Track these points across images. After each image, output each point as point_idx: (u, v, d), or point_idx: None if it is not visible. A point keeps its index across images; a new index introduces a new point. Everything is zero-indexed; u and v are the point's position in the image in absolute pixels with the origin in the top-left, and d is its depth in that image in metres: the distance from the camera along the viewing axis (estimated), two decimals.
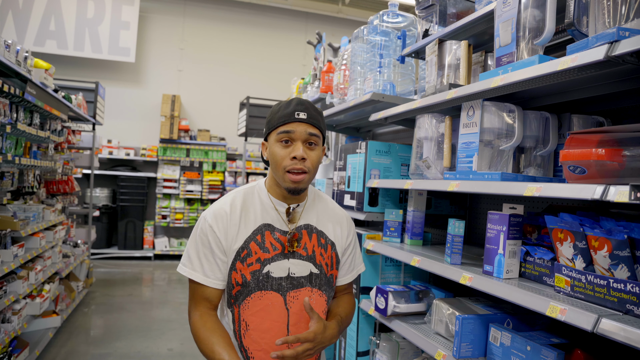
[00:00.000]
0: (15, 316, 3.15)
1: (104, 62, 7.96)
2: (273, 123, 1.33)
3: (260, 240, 1.35)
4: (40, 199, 4.23)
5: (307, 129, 1.31)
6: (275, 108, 1.36)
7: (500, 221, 1.49)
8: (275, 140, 1.32)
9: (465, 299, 1.83)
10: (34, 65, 3.58)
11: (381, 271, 2.30)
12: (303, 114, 1.31)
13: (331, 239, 1.45)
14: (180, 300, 5.45)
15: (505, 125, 1.58)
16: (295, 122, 1.30)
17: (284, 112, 1.32)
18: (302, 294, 1.37)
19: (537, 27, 1.43)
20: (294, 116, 1.30)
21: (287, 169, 1.30)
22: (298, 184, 1.31)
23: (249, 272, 1.33)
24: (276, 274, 1.34)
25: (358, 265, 1.56)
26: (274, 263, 1.34)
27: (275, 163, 1.32)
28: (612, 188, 1.04)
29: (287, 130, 1.30)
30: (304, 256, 1.38)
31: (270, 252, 1.35)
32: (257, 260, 1.33)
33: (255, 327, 1.33)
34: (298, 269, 1.37)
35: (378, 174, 2.35)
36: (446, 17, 2.00)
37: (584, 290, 1.20)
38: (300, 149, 1.29)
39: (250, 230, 1.35)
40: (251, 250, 1.33)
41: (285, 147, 1.31)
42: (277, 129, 1.32)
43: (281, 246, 1.36)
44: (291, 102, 1.34)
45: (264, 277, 1.33)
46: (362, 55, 2.53)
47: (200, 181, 8.20)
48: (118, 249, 7.68)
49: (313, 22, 9.11)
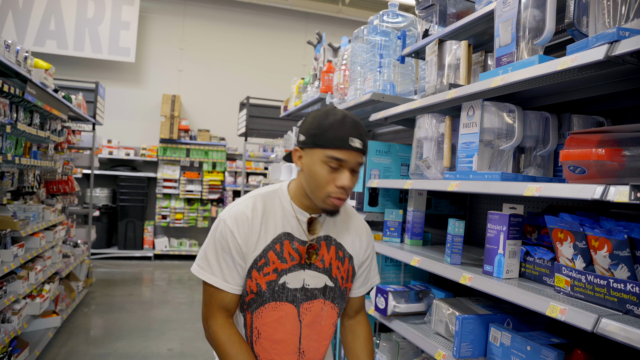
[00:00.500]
0: (15, 316, 3.15)
1: (104, 62, 7.96)
2: (322, 141, 1.23)
3: (279, 249, 1.31)
4: (40, 199, 4.23)
5: (358, 159, 1.25)
6: (326, 122, 1.24)
7: (500, 221, 1.49)
8: (322, 161, 1.23)
9: (465, 299, 1.83)
10: (34, 65, 3.58)
11: (381, 271, 2.30)
12: (358, 142, 1.23)
13: (349, 252, 1.42)
14: (180, 300, 5.45)
15: (505, 125, 1.58)
16: (349, 150, 1.23)
17: (337, 133, 1.22)
18: (315, 305, 1.35)
19: (537, 27, 1.43)
20: (349, 144, 1.22)
21: (331, 195, 1.25)
22: (338, 207, 1.28)
23: (264, 282, 1.30)
24: (292, 285, 1.32)
25: (373, 278, 1.53)
26: (290, 274, 1.31)
27: (317, 184, 1.25)
28: (612, 188, 1.04)
29: (339, 158, 1.22)
30: (320, 268, 1.35)
31: (288, 263, 1.31)
32: (274, 270, 1.30)
33: (268, 337, 1.32)
34: (313, 280, 1.34)
35: (378, 174, 2.35)
36: (446, 17, 2.00)
37: (584, 290, 1.20)
38: (348, 179, 1.24)
39: (269, 238, 1.31)
40: (269, 260, 1.30)
41: (332, 172, 1.24)
42: (326, 150, 1.23)
43: (299, 256, 1.33)
44: (345, 122, 1.23)
45: (280, 288, 1.31)
46: (362, 55, 2.53)
47: (200, 181, 8.20)
48: (118, 249, 7.68)
49: (313, 22, 9.11)
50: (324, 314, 1.37)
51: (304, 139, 1.29)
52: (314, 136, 1.25)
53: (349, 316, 1.52)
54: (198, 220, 8.17)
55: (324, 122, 1.25)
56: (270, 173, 4.87)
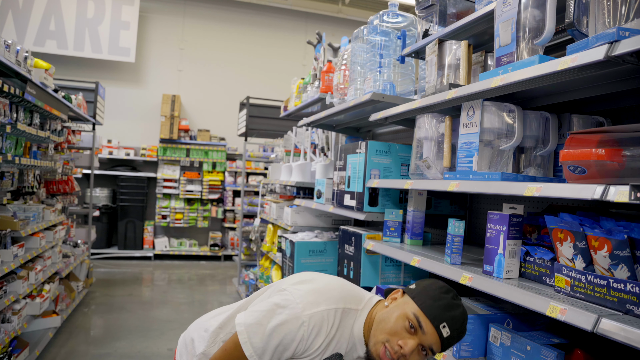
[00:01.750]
0: (15, 316, 3.15)
1: (104, 62, 7.96)
2: (422, 301, 1.23)
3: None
4: (40, 199, 4.23)
5: (434, 344, 1.22)
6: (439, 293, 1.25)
7: (500, 221, 1.49)
8: (407, 315, 1.22)
9: (465, 299, 1.83)
10: (34, 65, 3.58)
11: (381, 271, 2.30)
12: (447, 331, 1.21)
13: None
14: (180, 301, 5.45)
15: (505, 125, 1.58)
16: (434, 327, 1.20)
17: (439, 308, 1.22)
18: None
19: (537, 27, 1.43)
20: (439, 325, 1.20)
21: (386, 344, 1.22)
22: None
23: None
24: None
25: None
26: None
27: (385, 327, 1.24)
28: (612, 188, 1.04)
29: (421, 325, 1.20)
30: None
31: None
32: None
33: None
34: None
35: (378, 174, 2.35)
36: (446, 17, 2.00)
37: (584, 290, 1.20)
38: (411, 348, 1.20)
39: (325, 355, 1.28)
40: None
41: (404, 330, 1.21)
42: (418, 309, 1.22)
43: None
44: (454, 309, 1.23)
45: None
46: (362, 55, 2.53)
47: (200, 181, 8.20)
48: (118, 249, 7.68)
49: (313, 22, 9.11)
50: None
51: (413, 288, 1.29)
52: (421, 293, 1.26)
53: None
54: (198, 220, 8.17)
55: (439, 293, 1.26)
56: (270, 173, 4.87)
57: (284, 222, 3.68)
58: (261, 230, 4.95)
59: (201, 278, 6.75)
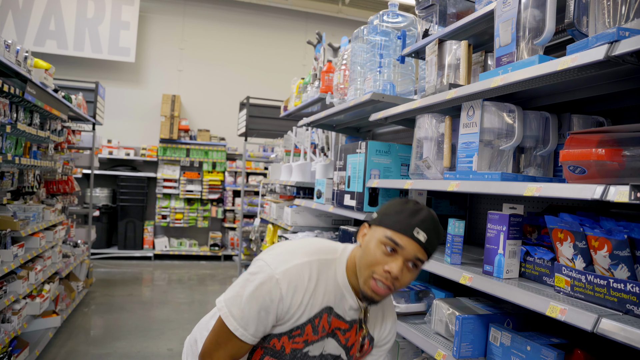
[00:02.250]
0: (15, 316, 3.15)
1: (104, 62, 7.96)
2: (388, 221, 1.22)
3: (317, 323, 1.28)
4: (40, 199, 4.23)
5: (417, 253, 1.20)
6: (399, 205, 1.24)
7: (500, 221, 1.49)
8: (380, 240, 1.20)
9: (465, 299, 1.83)
10: (34, 65, 3.58)
11: None
12: (423, 235, 1.19)
13: (372, 334, 1.42)
14: (180, 301, 5.45)
15: (505, 125, 1.58)
16: (410, 238, 1.19)
17: (405, 219, 1.20)
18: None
19: (537, 27, 1.43)
20: (412, 232, 1.18)
21: (374, 276, 1.20)
22: (376, 295, 1.22)
23: (290, 347, 1.28)
24: (312, 352, 1.32)
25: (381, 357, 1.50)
26: (316, 343, 1.31)
27: (366, 261, 1.22)
28: (612, 188, 1.04)
29: (396, 242, 1.18)
30: (342, 343, 1.35)
31: (319, 334, 1.29)
32: (304, 341, 1.29)
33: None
34: (331, 349, 1.35)
35: (378, 174, 2.35)
36: (446, 17, 2.00)
37: (584, 290, 1.20)
38: (398, 267, 1.18)
39: (313, 312, 1.26)
40: (304, 332, 1.27)
41: (385, 254, 1.20)
42: (388, 230, 1.20)
43: (329, 327, 1.31)
44: (418, 212, 1.21)
45: (301, 355, 1.30)
46: (362, 55, 2.53)
47: (200, 181, 8.20)
48: (118, 249, 7.68)
49: (313, 22, 9.11)
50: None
51: (374, 217, 1.28)
52: (383, 215, 1.25)
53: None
54: (198, 220, 8.17)
55: (399, 207, 1.24)
56: (270, 173, 4.87)
57: (284, 222, 3.68)
58: (261, 230, 4.95)
59: (201, 278, 6.75)
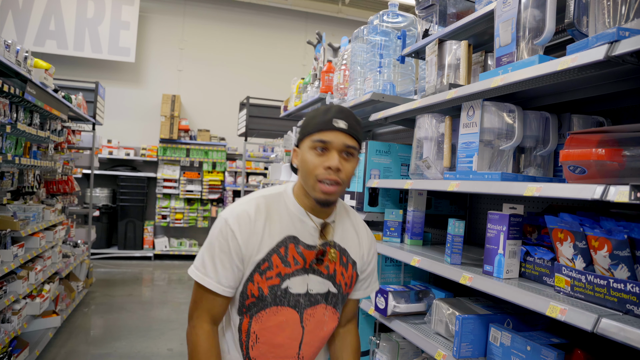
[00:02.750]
0: (15, 316, 3.15)
1: (104, 62, 7.96)
2: (308, 129, 1.26)
3: (283, 253, 1.27)
4: (40, 199, 4.23)
5: (345, 140, 1.23)
6: (312, 113, 1.29)
7: (500, 221, 1.49)
8: (309, 147, 1.24)
9: (465, 299, 1.83)
10: (34, 65, 3.58)
11: (381, 271, 2.30)
12: (343, 123, 1.23)
13: (353, 257, 1.40)
14: (180, 300, 5.45)
15: (505, 125, 1.58)
16: (333, 130, 1.22)
17: (321, 118, 1.25)
18: (317, 311, 1.33)
19: (537, 27, 1.43)
20: (332, 124, 1.23)
21: (319, 178, 1.22)
22: (329, 195, 1.23)
23: (267, 286, 1.26)
24: (295, 289, 1.29)
25: (373, 284, 1.51)
26: (293, 278, 1.28)
27: (306, 171, 1.24)
28: (612, 188, 1.04)
29: (323, 140, 1.22)
30: (325, 274, 1.33)
31: (292, 267, 1.28)
32: (278, 274, 1.27)
33: (267, 341, 1.29)
34: (317, 286, 1.32)
35: (378, 174, 2.35)
36: (446, 17, 2.00)
37: (584, 290, 1.20)
38: (335, 159, 1.22)
39: (274, 241, 1.27)
40: (272, 264, 1.26)
41: (319, 156, 1.23)
42: (312, 135, 1.24)
43: (303, 261, 1.29)
44: (330, 109, 1.26)
45: (282, 293, 1.28)
46: (362, 55, 2.53)
47: (200, 181, 8.20)
48: (118, 249, 7.68)
49: (313, 22, 9.11)
50: (326, 320, 1.35)
51: (297, 137, 1.32)
52: (302, 128, 1.29)
53: (341, 324, 1.50)
54: (198, 220, 8.17)
55: (311, 114, 1.30)
56: (270, 173, 4.87)
57: None
58: None
59: None
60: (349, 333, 1.50)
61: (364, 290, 1.48)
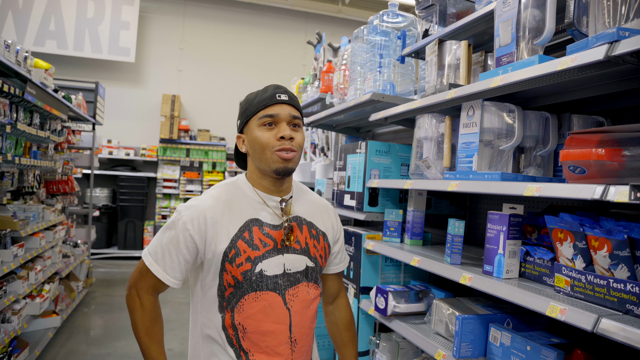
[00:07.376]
0: (15, 316, 3.15)
1: (104, 62, 7.96)
2: (252, 109, 1.30)
3: (248, 237, 1.27)
4: (40, 199, 4.23)
5: (291, 111, 1.29)
6: (251, 96, 1.34)
7: (500, 221, 1.49)
8: (258, 125, 1.29)
9: (465, 299, 1.83)
10: (34, 65, 3.58)
11: (381, 271, 2.30)
12: (284, 95, 1.30)
13: (322, 229, 1.42)
14: (180, 300, 5.45)
15: (505, 125, 1.58)
16: (277, 104, 1.29)
17: (262, 96, 1.30)
18: (300, 290, 1.33)
19: (537, 27, 1.43)
20: (276, 98, 1.29)
21: (275, 149, 1.26)
22: (288, 162, 1.27)
23: (239, 273, 1.26)
24: (270, 272, 1.28)
25: (345, 257, 1.56)
26: (266, 260, 1.28)
27: (260, 147, 1.27)
28: (612, 188, 1.04)
29: (270, 114, 1.27)
30: (298, 250, 1.34)
31: (261, 249, 1.28)
32: (247, 259, 1.26)
33: (254, 330, 1.27)
34: (293, 264, 1.32)
35: (378, 174, 2.35)
36: (446, 17, 2.00)
37: (584, 290, 1.20)
38: (287, 129, 1.27)
39: (236, 227, 1.28)
40: (239, 250, 1.26)
41: (270, 130, 1.28)
42: (257, 113, 1.29)
43: (272, 242, 1.30)
44: (268, 88, 1.33)
45: (258, 277, 1.27)
46: (362, 55, 2.53)
47: (200, 181, 8.20)
48: (118, 249, 7.68)
49: (313, 22, 9.11)
50: (311, 298, 1.36)
51: (239, 122, 1.36)
52: (244, 112, 1.33)
53: (328, 302, 1.55)
54: None
55: (250, 97, 1.34)
56: None
57: None
58: None
59: None
60: (337, 309, 1.55)
61: (337, 265, 1.53)
